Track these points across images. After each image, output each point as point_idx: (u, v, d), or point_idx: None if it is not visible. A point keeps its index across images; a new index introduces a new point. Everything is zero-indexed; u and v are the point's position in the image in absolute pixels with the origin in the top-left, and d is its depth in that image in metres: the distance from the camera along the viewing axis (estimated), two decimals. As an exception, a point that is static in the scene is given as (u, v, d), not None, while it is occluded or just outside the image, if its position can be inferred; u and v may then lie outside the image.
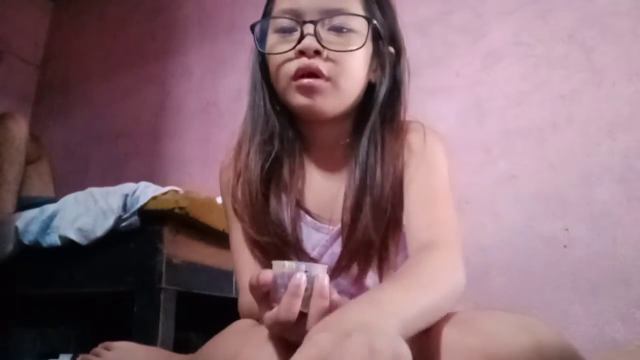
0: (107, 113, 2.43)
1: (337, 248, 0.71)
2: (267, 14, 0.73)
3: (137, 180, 1.29)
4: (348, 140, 0.72)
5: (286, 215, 0.70)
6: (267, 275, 0.49)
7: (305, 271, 0.48)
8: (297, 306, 0.46)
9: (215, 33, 2.19)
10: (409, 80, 0.75)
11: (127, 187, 1.25)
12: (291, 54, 0.66)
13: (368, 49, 0.70)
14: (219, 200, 1.35)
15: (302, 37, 0.65)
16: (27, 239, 1.32)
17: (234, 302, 0.72)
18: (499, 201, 1.41)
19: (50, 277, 1.33)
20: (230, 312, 0.72)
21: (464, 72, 1.58)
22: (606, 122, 1.33)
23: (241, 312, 0.69)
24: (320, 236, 0.72)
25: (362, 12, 0.69)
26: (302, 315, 0.47)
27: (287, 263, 0.49)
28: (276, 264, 0.50)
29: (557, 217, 1.32)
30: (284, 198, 0.71)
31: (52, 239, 1.28)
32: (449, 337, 0.50)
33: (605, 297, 1.22)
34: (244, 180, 0.71)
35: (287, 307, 0.47)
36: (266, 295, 0.49)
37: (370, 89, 0.73)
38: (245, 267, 0.71)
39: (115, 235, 1.22)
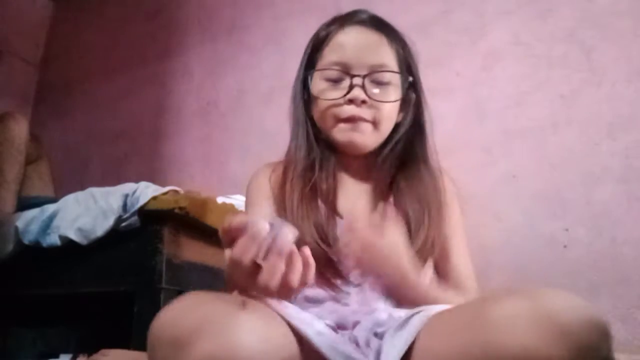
0: (107, 113, 2.43)
1: None
2: (313, 62, 0.87)
3: (137, 180, 1.29)
4: (376, 163, 0.88)
5: (323, 219, 0.81)
6: (240, 219, 0.51)
7: (271, 223, 0.50)
8: (252, 250, 0.49)
9: (215, 33, 2.19)
10: (430, 120, 0.89)
11: (127, 187, 1.25)
12: (340, 100, 0.81)
13: (399, 97, 0.85)
14: (219, 200, 1.36)
15: (351, 87, 0.80)
16: (27, 239, 1.32)
17: (234, 302, 0.72)
18: (499, 201, 1.41)
19: (50, 277, 1.34)
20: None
21: (464, 72, 1.57)
22: (606, 122, 1.33)
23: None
24: None
25: (396, 68, 0.84)
26: (260, 268, 0.49)
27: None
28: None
29: (557, 217, 1.32)
30: (321, 204, 0.82)
31: (52, 239, 1.28)
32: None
33: (605, 297, 1.22)
34: (288, 196, 0.82)
35: (241, 249, 0.49)
36: (234, 241, 0.51)
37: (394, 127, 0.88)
38: None
39: (116, 235, 1.22)
